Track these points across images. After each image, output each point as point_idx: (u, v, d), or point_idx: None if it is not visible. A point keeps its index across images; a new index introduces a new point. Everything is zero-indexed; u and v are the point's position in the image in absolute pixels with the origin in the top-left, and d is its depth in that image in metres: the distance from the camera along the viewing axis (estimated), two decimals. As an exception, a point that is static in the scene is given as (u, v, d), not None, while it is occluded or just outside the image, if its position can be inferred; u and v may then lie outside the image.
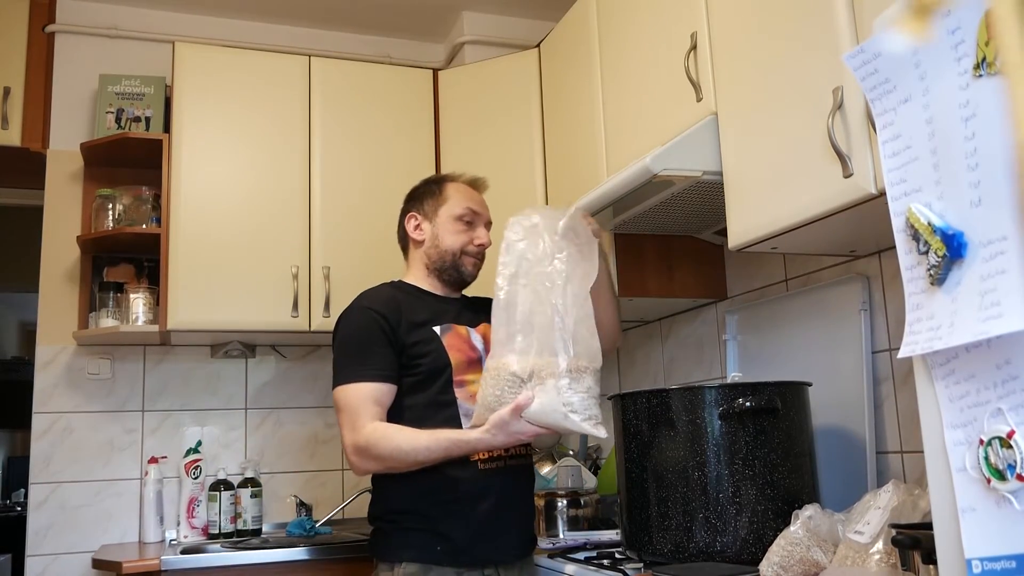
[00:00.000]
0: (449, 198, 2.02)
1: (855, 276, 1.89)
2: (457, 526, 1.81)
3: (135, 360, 2.94)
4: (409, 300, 1.96)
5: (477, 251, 2.02)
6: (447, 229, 2.00)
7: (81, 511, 2.81)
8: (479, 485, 1.83)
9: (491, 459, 1.85)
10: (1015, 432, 0.85)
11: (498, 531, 1.85)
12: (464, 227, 2.00)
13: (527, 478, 1.99)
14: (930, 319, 0.95)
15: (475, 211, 2.02)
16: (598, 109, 2.35)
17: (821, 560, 1.40)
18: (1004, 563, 0.87)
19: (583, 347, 1.70)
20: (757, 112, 1.66)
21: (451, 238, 2.00)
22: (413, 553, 1.81)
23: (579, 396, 1.67)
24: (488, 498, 1.84)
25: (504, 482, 1.87)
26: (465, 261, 2.01)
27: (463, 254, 2.00)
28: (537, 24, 3.24)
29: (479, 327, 1.98)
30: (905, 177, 0.98)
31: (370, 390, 1.83)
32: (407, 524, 1.84)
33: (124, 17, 3.12)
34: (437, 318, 1.94)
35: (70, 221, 2.93)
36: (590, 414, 1.68)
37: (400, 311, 1.91)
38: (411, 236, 2.04)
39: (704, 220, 2.16)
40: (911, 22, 0.93)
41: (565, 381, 1.67)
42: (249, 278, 2.71)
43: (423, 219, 2.03)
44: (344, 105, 2.91)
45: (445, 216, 2.01)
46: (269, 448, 3.03)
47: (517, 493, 1.93)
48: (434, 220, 2.01)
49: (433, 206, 2.03)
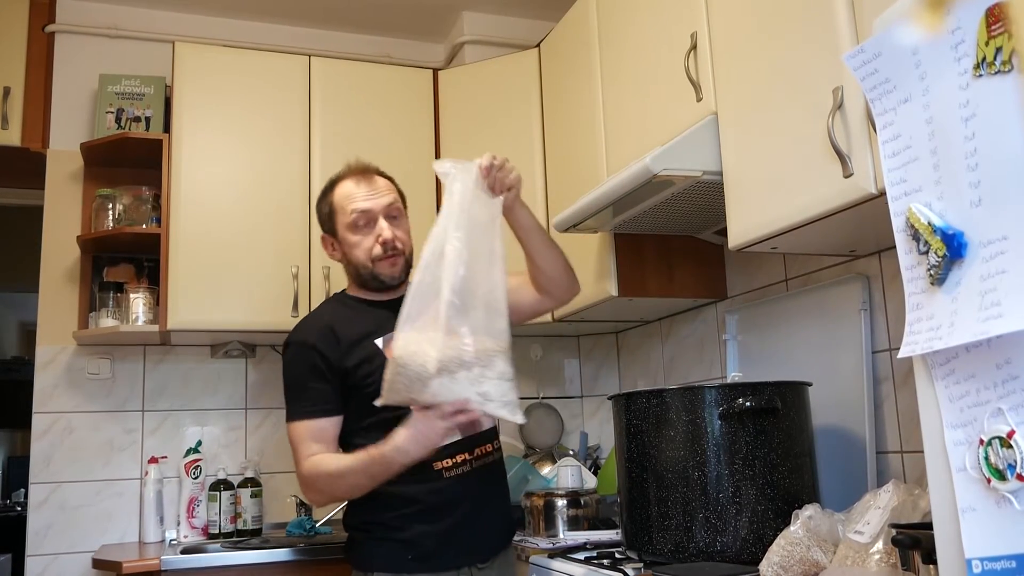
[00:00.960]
0: (337, 208, 1.89)
1: (855, 276, 1.89)
2: (427, 534, 1.77)
3: (135, 360, 2.94)
4: (348, 315, 1.88)
5: (383, 251, 1.86)
6: (348, 244, 1.88)
7: (81, 511, 2.81)
8: (447, 494, 1.78)
9: (456, 465, 1.79)
10: (1015, 432, 0.85)
11: (471, 533, 1.81)
12: (363, 232, 1.87)
13: (498, 473, 1.91)
14: (930, 319, 0.95)
15: (363, 210, 1.86)
16: (598, 109, 2.35)
17: (821, 560, 1.40)
18: (1004, 563, 0.87)
19: (485, 328, 1.56)
20: (757, 112, 1.66)
21: (355, 252, 1.88)
22: (383, 563, 1.78)
23: (493, 383, 1.56)
24: (460, 505, 1.78)
25: (474, 485, 1.81)
26: (379, 267, 1.87)
27: (373, 261, 1.87)
28: (537, 24, 3.24)
29: None
30: (905, 177, 0.98)
31: (306, 428, 1.80)
32: (377, 534, 1.81)
33: (124, 17, 3.12)
34: (378, 329, 1.82)
35: (70, 221, 2.93)
36: (506, 400, 1.57)
37: (335, 335, 1.82)
38: (332, 257, 1.96)
39: (704, 220, 2.16)
40: (924, 16, 0.93)
41: (477, 370, 1.54)
42: (249, 278, 2.71)
43: (332, 238, 1.93)
44: (344, 105, 2.91)
45: (343, 231, 1.88)
46: (269, 448, 3.02)
47: (489, 492, 1.87)
48: (338, 239, 1.91)
49: (330, 224, 1.92)
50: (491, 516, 1.87)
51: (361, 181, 1.90)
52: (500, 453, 1.94)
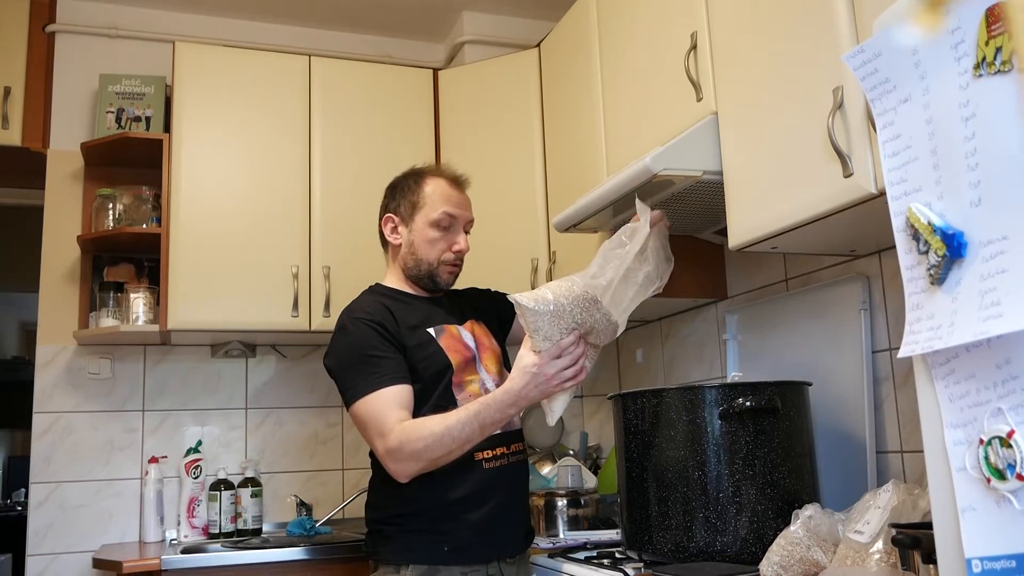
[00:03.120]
0: (426, 201, 1.92)
1: (855, 276, 1.89)
2: (463, 525, 1.80)
3: (135, 360, 2.95)
4: (397, 305, 1.90)
5: (454, 259, 1.94)
6: (423, 237, 1.92)
7: (81, 511, 2.81)
8: (483, 484, 1.82)
9: (495, 457, 1.84)
10: (1015, 432, 0.85)
11: (501, 528, 1.85)
12: (441, 233, 1.92)
13: (526, 474, 1.98)
14: (930, 319, 0.95)
15: (453, 215, 1.92)
16: (598, 109, 2.35)
17: (821, 560, 1.40)
18: (1004, 563, 0.87)
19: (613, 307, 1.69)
20: (757, 112, 1.66)
21: (427, 248, 1.92)
22: (418, 555, 1.79)
23: (603, 334, 1.69)
24: (493, 497, 1.83)
25: (507, 479, 1.87)
26: (441, 271, 1.93)
27: (440, 263, 1.92)
28: (537, 24, 3.24)
29: (467, 324, 1.95)
30: (905, 177, 0.98)
31: (390, 394, 1.76)
32: (410, 526, 1.82)
33: (124, 17, 3.12)
34: (428, 320, 1.89)
35: (70, 221, 2.93)
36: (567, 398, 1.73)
37: (393, 316, 1.86)
38: (388, 239, 1.98)
39: (704, 220, 2.16)
40: (924, 16, 0.93)
41: (601, 317, 1.66)
42: (249, 278, 2.71)
43: (400, 222, 1.95)
44: (344, 105, 2.91)
45: (422, 223, 1.92)
46: (269, 448, 3.03)
47: (518, 489, 1.92)
48: (411, 225, 1.93)
49: (410, 208, 1.94)
50: (519, 515, 1.93)
51: (456, 187, 1.97)
52: (527, 455, 1.98)
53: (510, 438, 1.88)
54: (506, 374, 1.94)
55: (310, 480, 3.05)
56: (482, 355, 1.93)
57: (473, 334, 1.94)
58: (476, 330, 1.97)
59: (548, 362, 1.64)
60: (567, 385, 1.68)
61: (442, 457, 1.73)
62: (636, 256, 1.69)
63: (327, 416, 3.11)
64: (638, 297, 1.73)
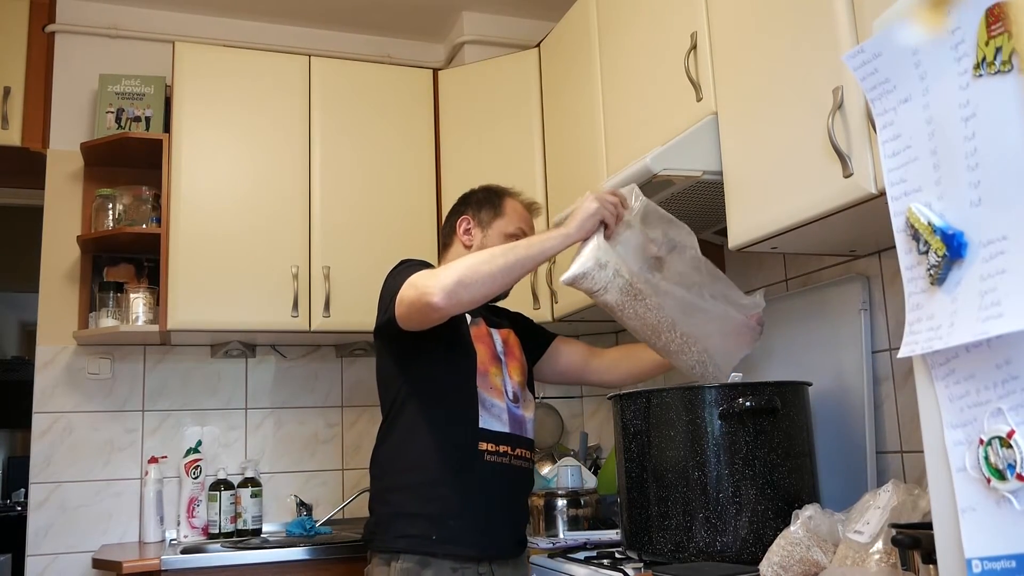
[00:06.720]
0: (506, 214, 2.04)
1: (855, 276, 1.89)
2: (452, 514, 1.81)
3: (135, 360, 2.95)
4: None
5: None
6: (496, 243, 1.96)
7: (81, 511, 2.81)
8: (481, 477, 1.83)
9: (498, 453, 1.85)
10: (1015, 432, 0.85)
11: (492, 525, 1.86)
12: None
13: (527, 482, 1.99)
14: (930, 319, 0.95)
15: (526, 233, 2.02)
16: (598, 109, 2.35)
17: (821, 560, 1.40)
18: (1004, 563, 0.87)
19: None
20: (757, 112, 1.66)
21: None
22: (409, 543, 1.80)
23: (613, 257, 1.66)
24: (488, 490, 1.84)
25: (506, 478, 1.88)
26: None
27: None
28: (537, 24, 3.24)
29: (502, 331, 2.01)
30: (905, 177, 0.98)
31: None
32: (406, 507, 1.83)
33: (124, 17, 3.12)
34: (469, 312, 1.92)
35: (70, 221, 2.93)
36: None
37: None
38: (459, 237, 2.05)
39: (704, 220, 2.16)
40: (924, 16, 0.93)
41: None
42: (249, 278, 2.71)
43: (476, 225, 2.04)
44: (344, 105, 2.91)
45: (497, 230, 2.01)
46: (269, 448, 3.03)
47: (517, 495, 1.94)
48: (487, 231, 2.02)
49: (489, 217, 2.03)
50: (513, 517, 1.93)
51: (531, 212, 2.11)
52: (533, 465, 2.00)
53: (518, 441, 1.90)
54: (528, 392, 1.97)
55: (310, 480, 3.05)
56: (508, 361, 1.97)
57: (505, 341, 1.99)
58: (509, 339, 2.02)
59: (583, 201, 1.69)
60: (607, 216, 1.68)
61: (482, 266, 1.68)
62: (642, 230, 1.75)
63: (327, 416, 3.11)
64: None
